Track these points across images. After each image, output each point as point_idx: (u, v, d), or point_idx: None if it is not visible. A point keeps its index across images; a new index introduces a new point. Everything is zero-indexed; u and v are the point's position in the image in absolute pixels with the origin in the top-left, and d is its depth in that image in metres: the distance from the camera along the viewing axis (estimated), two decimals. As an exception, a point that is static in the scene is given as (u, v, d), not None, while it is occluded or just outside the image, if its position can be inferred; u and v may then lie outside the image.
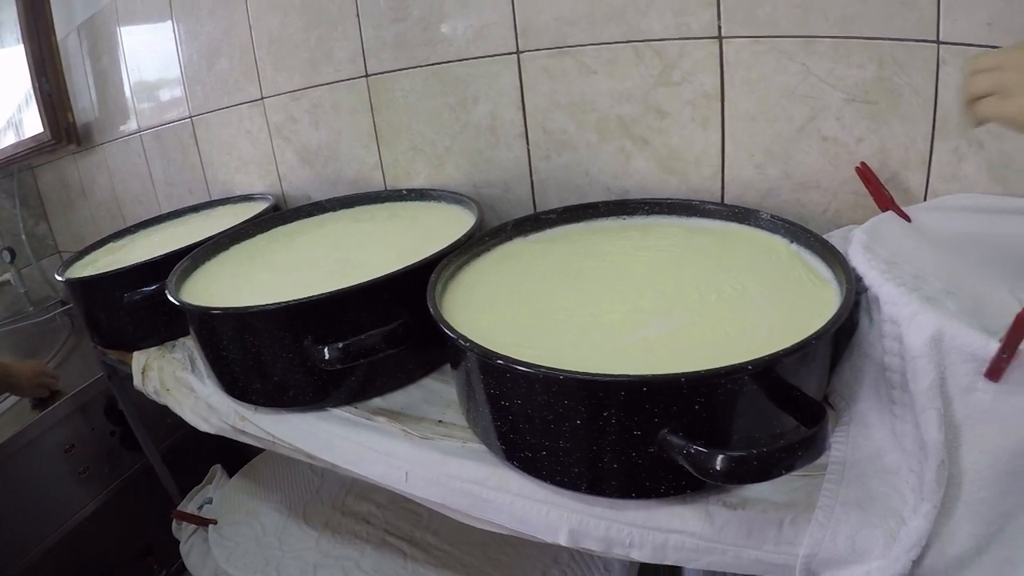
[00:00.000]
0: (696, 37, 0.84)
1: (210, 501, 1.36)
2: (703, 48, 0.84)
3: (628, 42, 0.87)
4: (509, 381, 0.58)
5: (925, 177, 0.80)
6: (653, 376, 0.51)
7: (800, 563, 0.56)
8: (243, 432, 0.86)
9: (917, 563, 0.53)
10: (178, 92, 1.43)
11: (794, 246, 0.74)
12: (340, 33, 1.07)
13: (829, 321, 0.56)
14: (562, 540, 0.62)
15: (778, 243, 0.76)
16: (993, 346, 0.50)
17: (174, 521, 1.30)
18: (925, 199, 0.81)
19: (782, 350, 0.52)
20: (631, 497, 0.59)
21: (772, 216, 0.77)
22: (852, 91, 0.79)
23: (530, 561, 1.12)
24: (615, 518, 0.60)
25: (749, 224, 0.80)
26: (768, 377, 0.54)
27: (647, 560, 0.61)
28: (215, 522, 1.28)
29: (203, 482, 1.42)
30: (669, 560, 0.61)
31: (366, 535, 1.22)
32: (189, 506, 1.34)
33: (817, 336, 0.54)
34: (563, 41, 0.91)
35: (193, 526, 1.29)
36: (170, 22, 1.35)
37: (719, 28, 0.83)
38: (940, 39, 0.76)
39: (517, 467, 0.63)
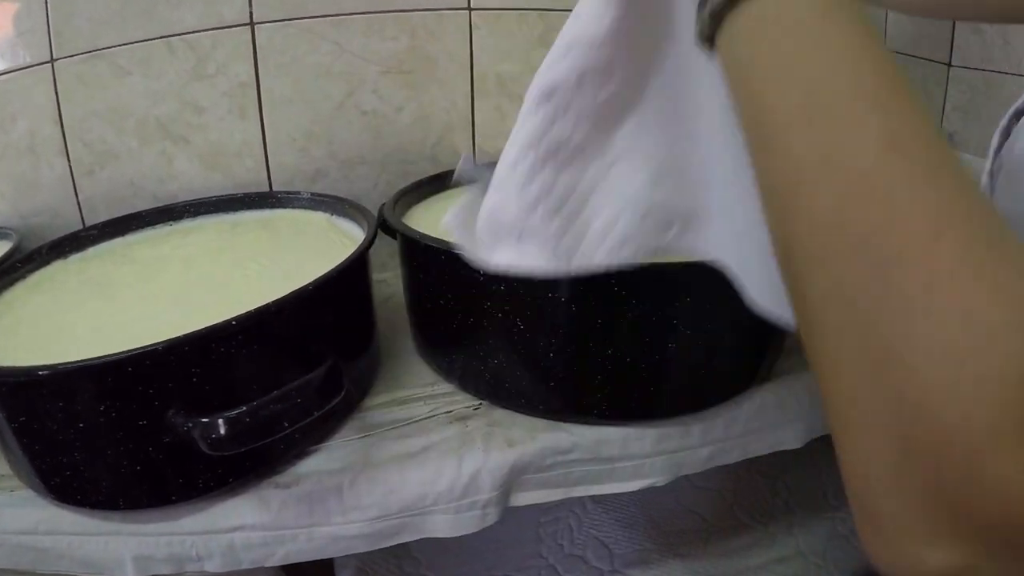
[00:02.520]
0: (228, 26, 0.86)
1: None
2: (236, 36, 0.86)
3: (161, 38, 0.87)
4: (10, 397, 0.55)
5: (471, 136, 0.89)
6: (130, 352, 0.50)
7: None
8: None
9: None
10: None
11: (333, 217, 0.79)
12: None
13: (331, 270, 0.60)
14: (130, 573, 0.60)
15: (319, 218, 0.80)
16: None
17: None
18: (475, 157, 0.90)
19: (270, 302, 0.55)
20: (176, 502, 0.58)
21: (312, 194, 0.81)
22: (387, 63, 0.86)
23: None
24: (173, 531, 0.59)
25: (292, 207, 0.83)
26: (266, 331, 0.56)
27: (220, 570, 0.61)
28: None
29: None
30: (245, 563, 0.60)
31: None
32: None
33: (313, 285, 0.58)
34: (97, 44, 0.88)
35: None
36: None
37: (250, 14, 0.86)
38: (471, 6, 0.86)
39: (58, 500, 0.60)
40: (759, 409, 0.71)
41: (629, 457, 0.65)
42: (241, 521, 0.59)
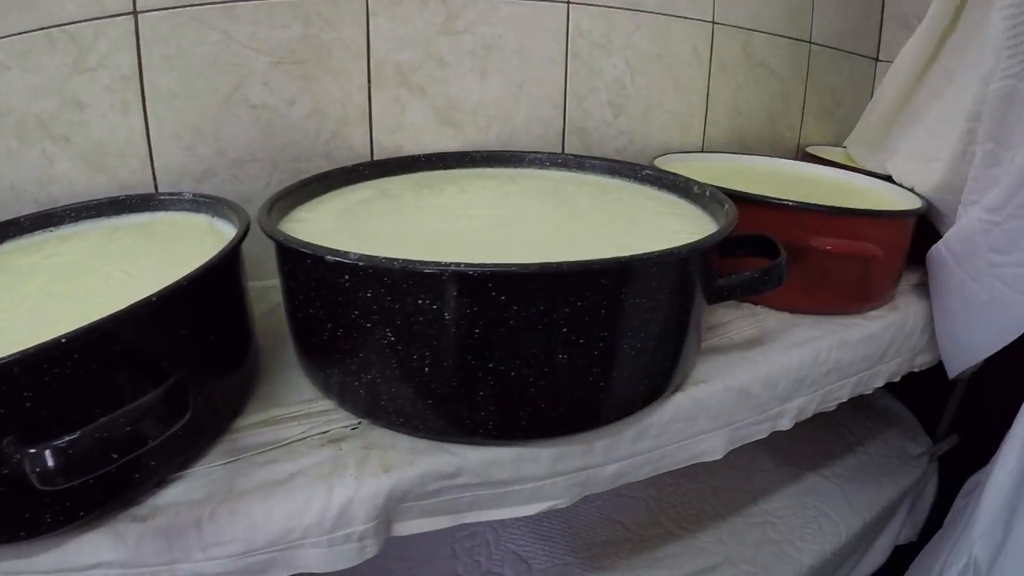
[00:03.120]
0: (111, 15, 0.75)
1: None
2: (119, 26, 0.75)
3: (42, 29, 0.76)
4: None
5: (368, 130, 0.79)
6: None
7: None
8: None
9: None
10: None
11: (214, 220, 0.69)
12: None
13: (180, 279, 0.50)
14: (-14, 614, 0.50)
15: (200, 221, 0.70)
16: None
17: None
18: (372, 153, 0.80)
19: (105, 317, 0.45)
20: (27, 539, 0.48)
21: (194, 195, 0.71)
22: (278, 53, 0.76)
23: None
24: (28, 569, 0.49)
25: (174, 209, 0.73)
26: (105, 349, 0.47)
27: (78, 610, 0.50)
28: None
29: None
30: (105, 604, 0.50)
31: None
32: None
33: (157, 296, 0.48)
34: (-24, 37, 0.80)
35: None
36: None
37: (134, 2, 0.75)
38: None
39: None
40: (671, 421, 0.62)
41: (524, 479, 0.56)
42: (98, 558, 0.50)
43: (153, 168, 0.78)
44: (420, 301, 0.48)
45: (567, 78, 0.95)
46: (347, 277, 0.50)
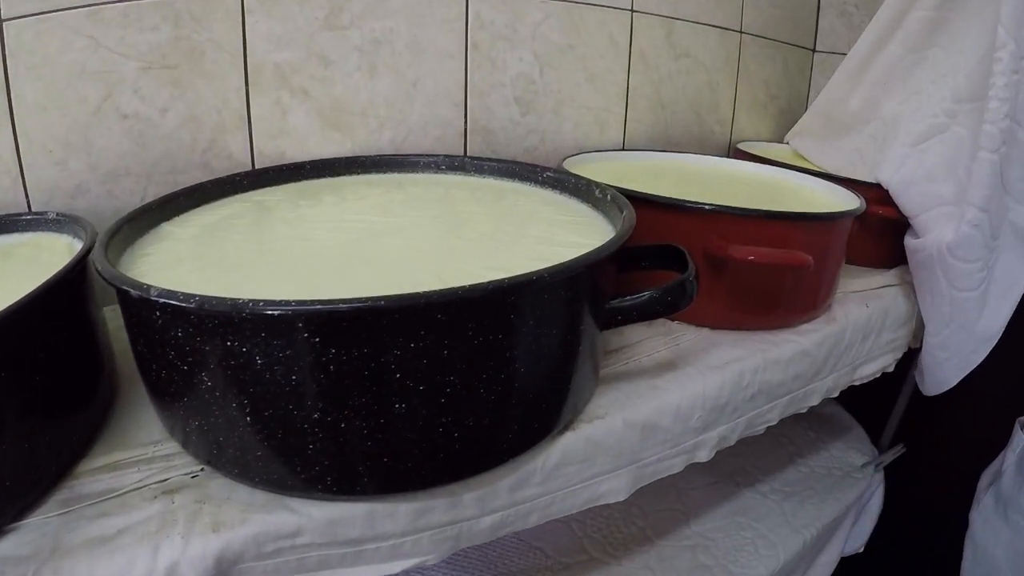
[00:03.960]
0: (-22, 25, 0.69)
1: None
2: (-16, 34, 0.69)
3: (-93, 42, 0.70)
4: None
5: (248, 137, 0.71)
6: None
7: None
8: None
9: None
10: None
11: (74, 242, 0.61)
12: None
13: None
14: None
15: (61, 244, 0.61)
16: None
17: None
18: (253, 162, 0.72)
19: None
20: None
21: (56, 215, 0.63)
22: (148, 58, 0.67)
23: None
24: None
25: (39, 230, 0.64)
26: None
27: None
28: None
29: None
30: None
31: None
32: None
33: None
34: None
35: None
36: None
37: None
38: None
39: None
40: (560, 464, 0.54)
41: (380, 537, 0.48)
42: (-69, 617, 0.42)
43: (25, 186, 0.69)
44: (228, 343, 0.40)
45: (467, 73, 0.86)
46: (157, 314, 0.42)
